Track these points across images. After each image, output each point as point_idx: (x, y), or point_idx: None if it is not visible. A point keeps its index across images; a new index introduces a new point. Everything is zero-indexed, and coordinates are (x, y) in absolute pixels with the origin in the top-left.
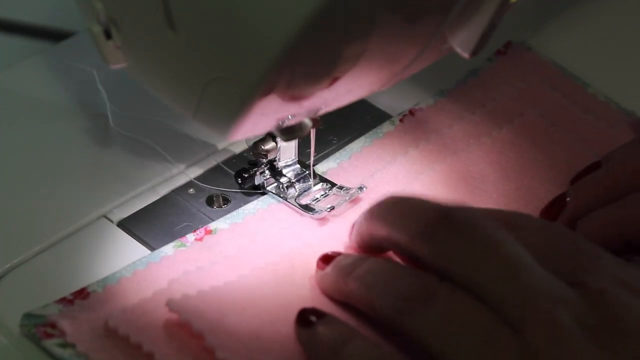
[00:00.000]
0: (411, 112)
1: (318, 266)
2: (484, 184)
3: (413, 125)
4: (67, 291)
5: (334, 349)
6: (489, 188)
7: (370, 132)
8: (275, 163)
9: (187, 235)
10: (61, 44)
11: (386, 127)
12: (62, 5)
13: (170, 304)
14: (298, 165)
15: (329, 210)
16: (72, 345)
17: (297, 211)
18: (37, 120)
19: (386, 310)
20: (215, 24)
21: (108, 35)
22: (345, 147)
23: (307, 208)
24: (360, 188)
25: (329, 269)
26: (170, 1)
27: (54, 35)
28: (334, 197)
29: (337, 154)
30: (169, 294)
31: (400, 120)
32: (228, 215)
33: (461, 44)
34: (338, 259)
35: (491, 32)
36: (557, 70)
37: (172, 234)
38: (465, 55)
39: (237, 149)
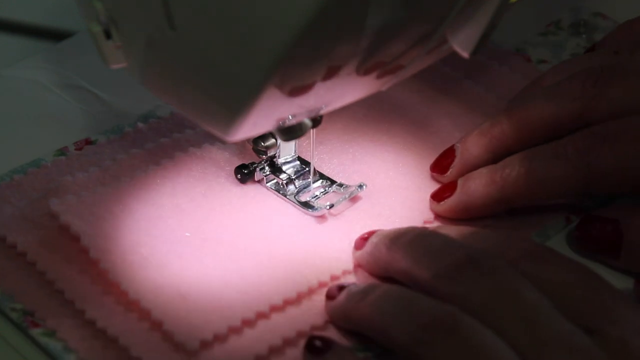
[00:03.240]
0: None
1: (329, 294)
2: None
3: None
4: None
5: None
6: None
7: None
8: (275, 159)
9: (67, 145)
10: (61, 44)
11: None
12: (62, 5)
13: (52, 205)
14: (298, 162)
15: (328, 208)
16: None
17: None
18: (36, 120)
19: (403, 339)
20: (215, 24)
21: (108, 35)
22: None
23: (306, 205)
24: (360, 186)
25: (342, 296)
26: (170, 1)
27: (54, 35)
28: (333, 195)
29: None
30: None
31: None
32: (108, 129)
33: (461, 44)
34: (349, 287)
35: (491, 32)
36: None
37: None
38: (465, 55)
39: None
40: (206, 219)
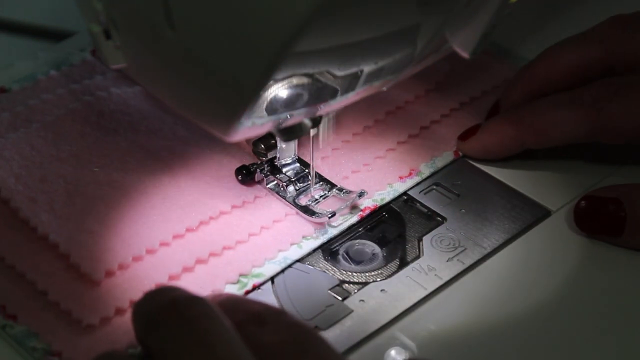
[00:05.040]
0: None
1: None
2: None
3: None
4: None
5: None
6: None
7: None
8: (275, 161)
9: None
10: (61, 44)
11: None
12: (62, 5)
13: None
14: (298, 164)
15: (329, 216)
16: None
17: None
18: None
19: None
20: (215, 24)
21: (108, 35)
22: None
23: (306, 210)
24: (361, 194)
25: None
26: (170, 1)
27: (54, 35)
28: (333, 199)
29: None
30: None
31: None
32: (22, 77)
33: (461, 44)
34: None
35: (491, 32)
36: None
37: None
38: (465, 55)
39: None
40: (111, 155)
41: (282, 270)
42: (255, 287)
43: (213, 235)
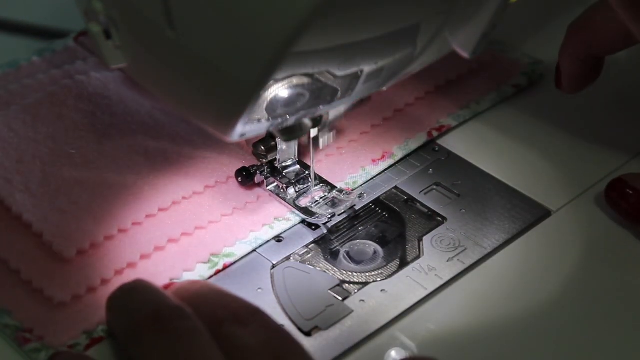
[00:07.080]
0: None
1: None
2: None
3: None
4: None
5: None
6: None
7: None
8: (275, 163)
9: None
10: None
11: None
12: (62, 5)
13: None
14: (298, 166)
15: (329, 217)
16: None
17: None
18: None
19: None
20: (215, 24)
21: (108, 35)
22: None
23: (306, 211)
24: (360, 196)
25: None
26: (170, 1)
27: (54, 35)
28: (333, 200)
29: None
30: None
31: None
32: (5, 63)
33: (461, 44)
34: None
35: (491, 32)
36: None
37: None
38: (465, 55)
39: None
40: (87, 137)
41: (254, 251)
42: (226, 267)
43: (185, 215)
